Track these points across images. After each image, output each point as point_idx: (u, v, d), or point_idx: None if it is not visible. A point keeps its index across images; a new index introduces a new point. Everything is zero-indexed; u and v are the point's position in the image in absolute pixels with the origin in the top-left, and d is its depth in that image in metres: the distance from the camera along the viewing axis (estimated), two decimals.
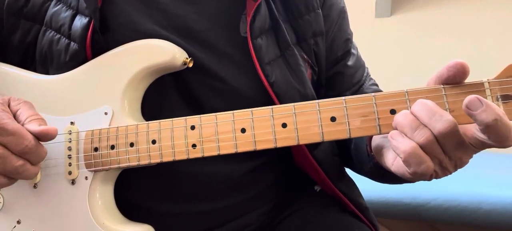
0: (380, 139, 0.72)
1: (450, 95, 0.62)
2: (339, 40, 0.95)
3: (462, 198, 1.50)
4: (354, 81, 0.96)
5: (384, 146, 0.70)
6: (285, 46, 0.85)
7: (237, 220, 0.89)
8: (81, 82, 0.81)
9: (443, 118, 0.58)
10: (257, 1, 0.82)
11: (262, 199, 0.92)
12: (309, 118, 0.67)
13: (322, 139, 0.67)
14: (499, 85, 0.61)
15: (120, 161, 0.76)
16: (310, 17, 0.89)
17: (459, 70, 0.61)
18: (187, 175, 0.83)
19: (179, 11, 0.84)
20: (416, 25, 2.59)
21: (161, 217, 0.85)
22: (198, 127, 0.72)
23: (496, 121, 0.55)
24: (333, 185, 0.90)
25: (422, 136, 0.59)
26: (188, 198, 0.85)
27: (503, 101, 0.60)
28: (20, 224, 0.81)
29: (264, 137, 0.69)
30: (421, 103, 0.60)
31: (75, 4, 0.82)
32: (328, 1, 0.93)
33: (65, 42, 0.81)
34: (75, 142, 0.79)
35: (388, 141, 0.65)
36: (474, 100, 0.56)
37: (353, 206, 0.92)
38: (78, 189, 0.79)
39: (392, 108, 0.64)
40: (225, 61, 0.83)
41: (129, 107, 0.79)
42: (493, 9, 2.41)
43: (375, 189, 1.54)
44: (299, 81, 0.85)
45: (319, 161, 0.87)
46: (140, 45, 0.79)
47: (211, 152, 0.72)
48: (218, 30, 0.84)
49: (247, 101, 0.76)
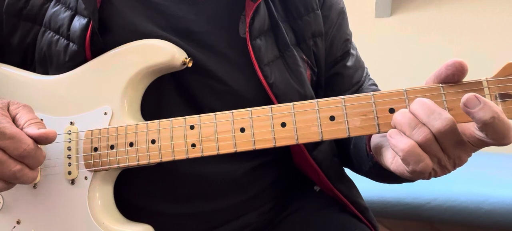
0: (379, 138, 0.72)
1: (449, 94, 0.62)
2: (338, 40, 0.95)
3: (462, 198, 1.50)
4: (353, 81, 0.96)
5: (383, 145, 0.70)
6: (284, 47, 0.85)
7: (236, 220, 0.89)
8: (81, 83, 0.81)
9: (442, 116, 0.58)
10: (256, 2, 0.82)
11: (261, 199, 0.92)
12: (308, 117, 0.68)
13: (321, 138, 0.67)
14: (498, 84, 0.61)
15: (119, 161, 0.76)
16: (309, 17, 0.89)
17: (457, 69, 0.61)
18: (187, 175, 0.83)
19: (178, 12, 0.84)
20: (416, 25, 2.60)
21: (161, 217, 0.85)
22: (198, 127, 0.73)
23: (493, 119, 0.56)
24: (333, 186, 0.90)
25: (420, 134, 0.59)
26: (188, 198, 0.85)
27: (501, 100, 0.61)
28: (20, 224, 0.81)
29: (263, 137, 0.69)
30: (420, 101, 0.60)
31: (74, 5, 0.82)
32: (327, 1, 0.93)
33: (64, 43, 0.81)
34: (74, 142, 0.79)
35: (387, 140, 0.65)
36: (472, 98, 0.56)
37: (352, 207, 0.91)
38: (77, 189, 0.79)
39: (391, 107, 0.64)
40: (224, 62, 0.83)
41: (128, 107, 0.79)
42: (492, 10, 2.42)
43: (375, 189, 1.54)
44: (298, 82, 0.85)
45: (318, 162, 0.87)
46: (140, 45, 0.80)
47: (210, 151, 0.72)
48: (217, 31, 0.84)
49: (246, 102, 0.76)
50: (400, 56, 2.44)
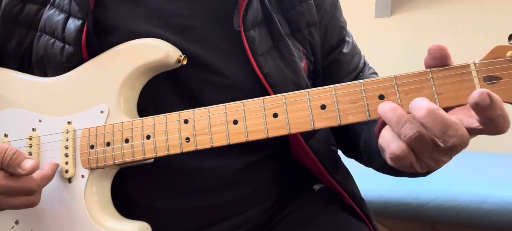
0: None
1: (437, 79, 0.62)
2: (333, 28, 0.96)
3: (462, 198, 1.50)
4: (350, 68, 0.97)
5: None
6: (278, 38, 0.86)
7: (236, 217, 0.89)
8: (77, 83, 0.82)
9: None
10: None
11: (261, 195, 0.93)
12: (299, 106, 0.68)
13: (312, 127, 0.68)
14: (486, 66, 0.61)
15: (115, 157, 0.77)
16: (302, 7, 0.90)
17: (439, 53, 0.61)
18: (183, 170, 0.83)
19: (172, 9, 0.85)
20: (416, 25, 2.59)
21: (160, 213, 0.85)
22: (191, 120, 0.73)
23: (499, 116, 0.55)
24: (329, 175, 0.91)
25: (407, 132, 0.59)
26: (184, 193, 0.85)
27: (489, 82, 0.61)
28: (18, 224, 0.82)
29: (256, 127, 0.70)
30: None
31: (67, 8, 0.83)
32: None
33: (59, 45, 0.82)
34: (71, 141, 0.80)
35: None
36: (484, 98, 0.54)
37: (348, 197, 0.92)
38: (74, 187, 0.80)
39: (380, 93, 0.65)
40: (220, 55, 0.84)
41: (125, 105, 0.80)
42: (493, 10, 2.41)
43: (375, 189, 1.54)
44: (292, 71, 0.86)
45: (314, 150, 0.88)
46: (135, 45, 0.81)
47: (204, 144, 0.73)
48: (212, 26, 0.85)
49: (242, 93, 0.77)
50: (400, 56, 2.43)
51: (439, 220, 1.51)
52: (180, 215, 0.86)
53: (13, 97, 0.85)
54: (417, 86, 0.63)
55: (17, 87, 0.86)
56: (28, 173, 0.71)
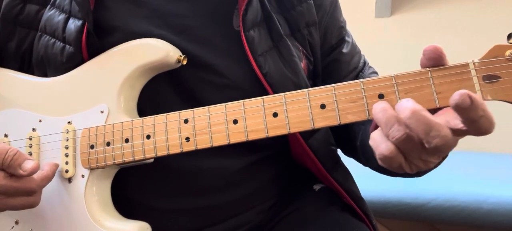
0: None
1: (437, 78, 0.62)
2: (332, 28, 0.97)
3: (462, 198, 1.50)
4: (350, 68, 0.97)
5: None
6: (278, 38, 0.86)
7: (236, 217, 0.90)
8: (78, 83, 0.82)
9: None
10: None
11: (261, 196, 0.93)
12: (299, 106, 0.68)
13: (312, 126, 0.68)
14: (485, 65, 0.61)
15: (115, 157, 0.77)
16: (302, 7, 0.90)
17: (434, 54, 0.62)
18: (183, 170, 0.83)
19: (172, 9, 0.85)
20: (416, 25, 2.58)
21: (160, 213, 0.85)
22: (191, 120, 0.73)
23: (480, 117, 0.55)
24: (328, 174, 0.91)
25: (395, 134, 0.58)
26: (186, 193, 0.85)
27: (488, 81, 0.61)
28: (18, 224, 0.82)
29: (256, 127, 0.70)
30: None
31: (68, 8, 0.83)
32: None
33: (60, 45, 0.82)
34: (72, 141, 0.80)
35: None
36: (464, 99, 0.54)
37: (347, 196, 0.92)
38: (74, 187, 0.80)
39: (380, 93, 0.65)
40: (220, 55, 0.84)
41: (125, 105, 0.80)
42: (493, 10, 2.41)
43: (375, 189, 1.54)
44: (292, 71, 0.86)
45: (314, 150, 0.88)
46: (135, 45, 0.81)
47: (204, 144, 0.73)
48: (212, 26, 0.85)
49: (242, 93, 0.77)
50: (400, 56, 2.42)
51: (439, 220, 1.52)
52: (180, 215, 0.86)
53: (13, 98, 0.85)
54: (417, 85, 0.63)
55: (17, 87, 0.86)
56: (29, 174, 0.72)
